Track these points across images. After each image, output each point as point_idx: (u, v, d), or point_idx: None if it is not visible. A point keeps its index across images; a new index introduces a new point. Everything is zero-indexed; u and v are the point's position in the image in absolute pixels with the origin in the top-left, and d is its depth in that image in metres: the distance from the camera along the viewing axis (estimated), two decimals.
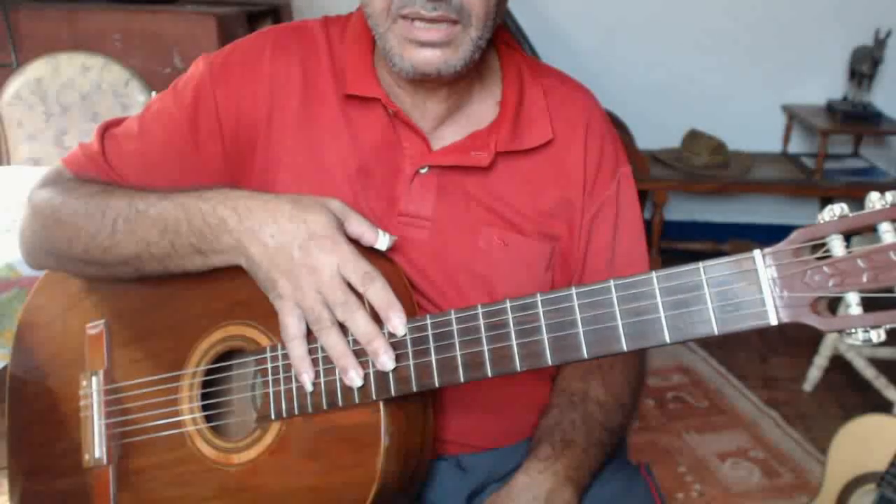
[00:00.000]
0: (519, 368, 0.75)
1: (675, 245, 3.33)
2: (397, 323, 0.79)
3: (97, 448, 0.98)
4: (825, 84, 3.41)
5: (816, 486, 1.78)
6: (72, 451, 1.01)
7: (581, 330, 0.72)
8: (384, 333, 0.79)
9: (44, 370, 1.07)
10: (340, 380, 0.81)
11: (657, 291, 0.70)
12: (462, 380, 0.77)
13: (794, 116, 3.40)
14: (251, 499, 0.87)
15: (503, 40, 1.02)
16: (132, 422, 0.96)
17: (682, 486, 2.16)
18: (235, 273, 0.85)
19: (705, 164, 3.16)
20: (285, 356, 0.84)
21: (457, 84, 0.95)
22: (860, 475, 1.62)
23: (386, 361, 0.78)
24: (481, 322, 0.76)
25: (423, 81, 0.92)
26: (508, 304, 0.75)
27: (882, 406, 2.28)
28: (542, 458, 0.91)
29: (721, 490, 2.17)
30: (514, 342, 0.75)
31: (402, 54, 0.88)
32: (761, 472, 2.25)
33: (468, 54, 0.88)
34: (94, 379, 0.99)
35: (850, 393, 2.60)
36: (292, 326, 0.81)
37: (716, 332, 0.68)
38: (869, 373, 2.40)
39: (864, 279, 0.63)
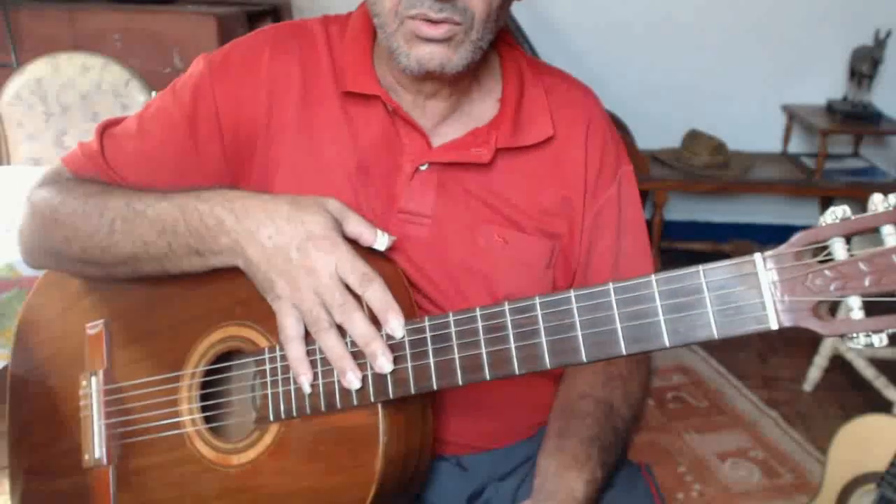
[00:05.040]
0: (517, 371, 0.74)
1: (675, 245, 3.33)
2: (395, 325, 0.79)
3: (97, 448, 0.98)
4: (825, 84, 3.41)
5: (816, 486, 1.78)
6: (72, 451, 1.01)
7: (580, 333, 0.72)
8: (382, 335, 0.79)
9: (44, 370, 1.07)
10: (338, 381, 0.80)
11: (656, 295, 0.69)
12: (460, 382, 0.77)
13: (794, 116, 3.40)
14: (250, 500, 0.87)
15: (504, 40, 1.02)
16: (132, 422, 0.96)
17: (682, 486, 2.16)
18: (234, 273, 0.85)
19: (705, 164, 3.16)
20: (284, 357, 0.84)
21: (458, 83, 0.95)
22: (860, 475, 1.62)
23: (384, 363, 0.78)
24: (479, 325, 0.76)
25: (427, 80, 0.92)
26: (507, 307, 0.75)
27: (882, 406, 2.28)
28: (589, 480, 0.88)
29: (721, 490, 2.17)
30: (513, 345, 0.74)
31: (408, 52, 0.88)
32: (761, 472, 2.25)
33: (469, 54, 0.89)
34: (93, 379, 0.99)
35: (850, 393, 2.60)
36: (290, 328, 0.81)
37: (716, 336, 0.67)
38: (869, 373, 2.40)
39: (867, 283, 0.62)
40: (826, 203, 3.30)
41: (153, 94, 2.30)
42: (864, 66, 3.20)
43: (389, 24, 0.88)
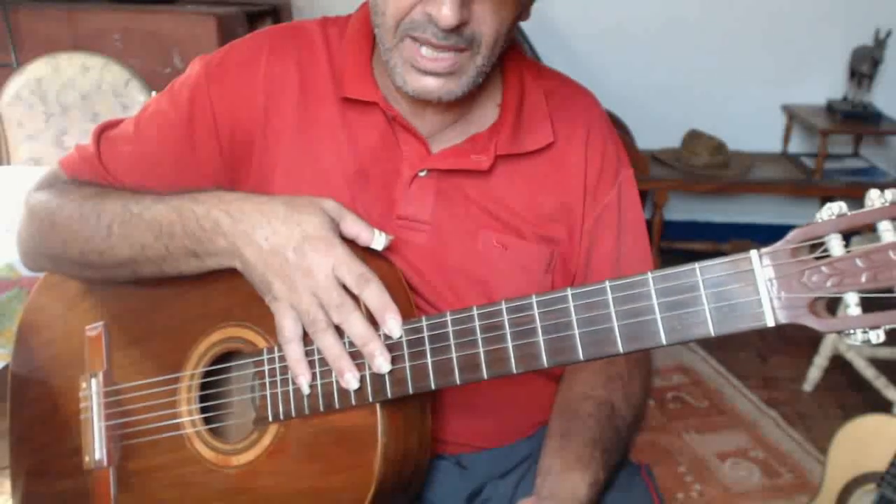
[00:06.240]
0: (515, 370, 0.74)
1: (675, 245, 3.33)
2: (393, 325, 0.78)
3: (97, 450, 0.98)
4: (825, 84, 3.40)
5: (816, 486, 1.78)
6: (73, 453, 1.01)
7: (577, 332, 0.72)
8: (380, 335, 0.79)
9: (45, 371, 1.07)
10: (337, 382, 0.80)
11: (653, 292, 0.69)
12: (458, 382, 0.76)
13: (794, 116, 3.39)
14: (250, 500, 0.87)
15: None
16: (132, 423, 0.96)
17: (682, 486, 2.16)
18: (233, 275, 0.85)
19: (705, 164, 3.16)
20: (282, 358, 0.84)
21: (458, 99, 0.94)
22: (860, 475, 1.62)
23: (382, 364, 0.78)
24: (477, 324, 0.76)
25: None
26: (504, 306, 0.75)
27: (882, 406, 2.27)
28: (591, 483, 0.88)
29: (721, 490, 2.16)
30: (510, 344, 0.74)
31: (404, 77, 0.88)
32: (761, 472, 2.24)
33: (471, 81, 0.89)
34: (93, 381, 0.99)
35: (850, 393, 2.60)
36: (288, 329, 0.81)
37: (712, 334, 0.67)
38: (869, 373, 2.40)
39: (863, 279, 0.62)
40: (826, 203, 3.29)
41: (153, 94, 2.30)
42: (864, 66, 3.20)
43: (388, 39, 0.87)
